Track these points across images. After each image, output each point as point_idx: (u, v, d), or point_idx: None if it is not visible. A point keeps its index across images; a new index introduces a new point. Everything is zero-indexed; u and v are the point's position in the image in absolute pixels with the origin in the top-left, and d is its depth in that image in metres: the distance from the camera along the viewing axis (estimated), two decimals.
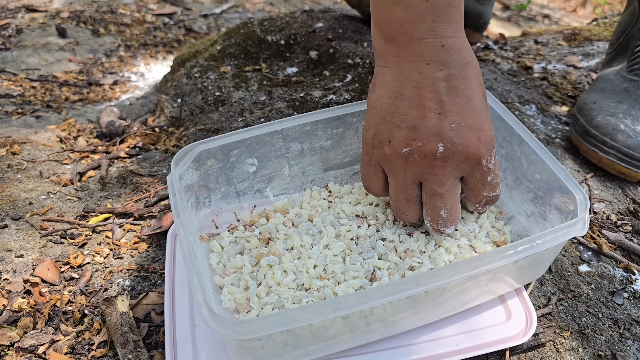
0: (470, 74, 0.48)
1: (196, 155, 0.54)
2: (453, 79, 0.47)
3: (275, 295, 0.51)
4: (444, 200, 0.50)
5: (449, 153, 0.48)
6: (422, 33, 0.47)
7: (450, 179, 0.49)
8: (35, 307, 0.57)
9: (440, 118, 0.47)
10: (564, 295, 0.60)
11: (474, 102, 0.48)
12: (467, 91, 0.48)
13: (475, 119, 0.48)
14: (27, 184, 0.77)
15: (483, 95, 0.49)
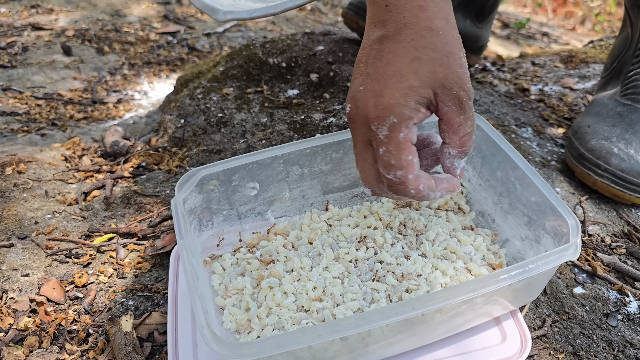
0: (405, 36, 0.45)
1: (199, 179, 0.56)
2: (385, 41, 0.46)
3: (275, 316, 0.52)
4: (357, 162, 0.49)
5: (353, 114, 0.47)
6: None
7: (358, 141, 0.48)
8: (41, 326, 0.59)
9: (359, 80, 0.47)
10: (559, 317, 0.61)
11: (390, 66, 0.45)
12: (389, 55, 0.45)
13: (381, 83, 0.45)
14: (32, 203, 0.79)
15: (411, 59, 0.45)
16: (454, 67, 0.45)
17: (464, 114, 0.47)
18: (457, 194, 0.66)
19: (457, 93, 0.46)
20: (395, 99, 0.44)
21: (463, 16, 1.03)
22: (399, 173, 0.46)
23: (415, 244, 0.60)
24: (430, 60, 0.45)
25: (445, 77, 0.45)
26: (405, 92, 0.45)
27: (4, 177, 0.85)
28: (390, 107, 0.45)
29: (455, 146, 0.49)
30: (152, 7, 1.91)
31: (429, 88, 0.45)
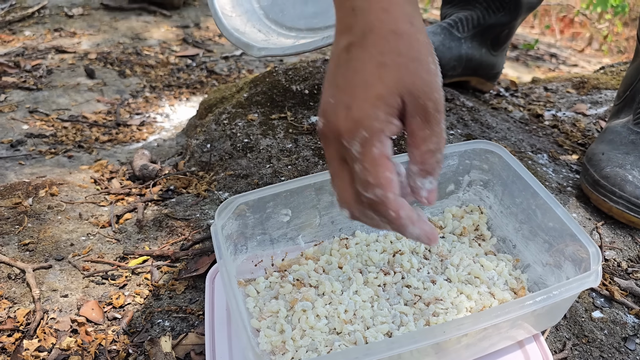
0: (370, 41, 0.42)
1: (236, 207, 0.59)
2: (352, 48, 0.43)
3: (309, 338, 0.55)
4: (332, 181, 0.46)
5: (326, 129, 0.44)
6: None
7: (333, 159, 0.45)
8: (82, 345, 0.61)
9: (329, 92, 0.44)
10: (579, 340, 0.63)
11: (358, 74, 0.42)
12: (356, 62, 0.43)
13: (350, 94, 0.42)
14: (67, 225, 0.82)
15: (377, 66, 0.42)
16: (420, 73, 0.42)
17: (429, 127, 0.44)
18: (480, 219, 0.69)
19: (424, 103, 0.42)
20: (364, 110, 0.42)
21: (479, 45, 1.07)
22: (378, 191, 0.43)
23: (440, 269, 0.62)
24: (395, 65, 0.42)
25: (413, 83, 0.42)
26: (373, 102, 0.42)
27: (38, 200, 0.88)
28: (359, 120, 0.42)
29: (415, 162, 0.45)
30: (171, 30, 1.96)
31: (397, 95, 0.42)
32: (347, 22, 0.44)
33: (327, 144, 0.45)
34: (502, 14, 1.04)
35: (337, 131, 0.43)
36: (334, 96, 0.43)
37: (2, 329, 0.63)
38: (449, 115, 0.96)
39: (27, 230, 0.80)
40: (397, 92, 0.42)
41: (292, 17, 0.91)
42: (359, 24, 0.43)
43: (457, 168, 0.69)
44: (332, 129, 0.43)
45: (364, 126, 0.42)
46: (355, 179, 0.44)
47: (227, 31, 0.86)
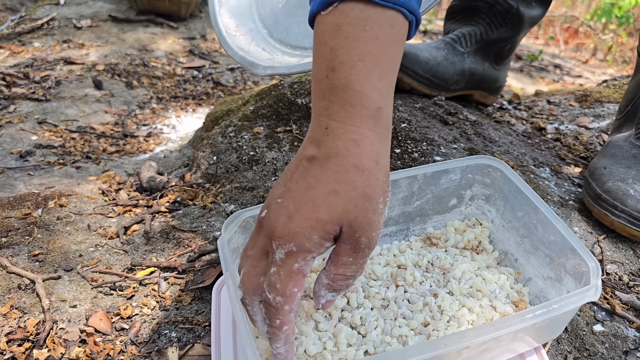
0: (332, 166, 0.45)
1: (242, 221, 0.60)
2: (314, 163, 0.45)
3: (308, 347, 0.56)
4: (243, 263, 0.49)
5: (264, 222, 0.47)
6: (319, 110, 0.46)
7: (256, 246, 0.47)
8: (91, 355, 0.63)
9: (279, 190, 0.47)
10: (580, 354, 0.64)
11: (309, 191, 0.45)
12: (312, 179, 0.45)
13: (296, 205, 0.45)
14: (76, 236, 0.84)
15: (329, 192, 0.44)
16: (367, 212, 0.45)
17: (354, 257, 0.47)
18: (482, 233, 0.70)
19: (359, 237, 0.45)
20: (302, 227, 0.44)
21: (482, 59, 1.08)
22: (278, 299, 0.45)
23: (442, 282, 0.63)
24: (346, 197, 0.44)
25: (355, 218, 0.45)
26: (312, 224, 0.44)
27: (47, 211, 0.90)
28: (293, 234, 0.44)
29: (328, 277, 0.48)
30: (178, 42, 1.99)
31: (337, 225, 0.45)
32: (317, 137, 0.46)
33: (259, 232, 0.47)
34: (505, 29, 1.05)
35: (272, 231, 0.45)
36: (282, 197, 0.46)
37: (13, 339, 0.64)
38: (452, 129, 0.97)
39: (36, 241, 0.82)
40: (338, 221, 0.44)
41: (297, 36, 0.92)
42: (326, 145, 0.45)
43: (459, 182, 0.70)
44: (269, 226, 0.45)
45: (295, 241, 0.44)
46: (265, 275, 0.46)
47: (232, 50, 0.87)
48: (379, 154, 0.46)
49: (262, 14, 0.98)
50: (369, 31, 0.44)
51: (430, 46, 1.05)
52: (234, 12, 0.98)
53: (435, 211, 0.71)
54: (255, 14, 0.97)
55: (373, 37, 0.45)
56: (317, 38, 0.47)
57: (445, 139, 0.91)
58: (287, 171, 0.48)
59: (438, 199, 0.70)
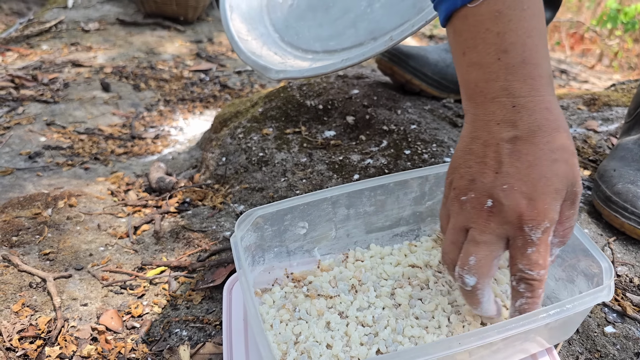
0: (540, 139, 0.48)
1: (255, 219, 0.60)
2: (519, 142, 0.48)
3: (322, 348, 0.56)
4: (477, 249, 0.51)
5: (496, 210, 0.49)
6: (495, 92, 0.48)
7: (491, 233, 0.50)
8: (102, 353, 0.63)
9: (495, 177, 0.49)
10: (591, 355, 0.64)
11: (534, 169, 0.48)
12: (529, 157, 0.48)
13: (529, 186, 0.48)
14: (86, 235, 0.84)
15: (551, 162, 0.48)
16: (576, 165, 0.49)
17: (574, 208, 0.51)
18: None
19: (576, 190, 0.50)
20: (548, 203, 0.48)
21: None
22: (542, 272, 0.50)
23: (453, 282, 0.63)
24: (564, 161, 0.48)
25: (574, 176, 0.49)
26: (553, 196, 0.48)
27: (57, 211, 0.90)
28: (544, 212, 0.48)
29: (558, 236, 0.51)
30: (185, 45, 2.00)
31: (566, 189, 0.49)
32: (506, 116, 0.48)
33: (490, 219, 0.50)
34: None
35: (520, 217, 0.48)
36: (507, 183, 0.48)
37: (25, 336, 0.64)
38: (461, 131, 0.97)
39: (47, 240, 0.82)
40: (566, 185, 0.49)
41: (308, 40, 0.93)
42: (524, 121, 0.48)
43: None
44: (511, 213, 0.48)
45: (547, 217, 0.48)
46: (518, 258, 0.50)
47: (244, 54, 0.88)
48: (562, 113, 0.50)
49: (272, 18, 0.98)
50: (528, 10, 0.48)
51: (439, 48, 1.05)
52: (245, 16, 0.98)
53: None
54: (266, 19, 0.98)
55: (532, 14, 0.48)
56: (474, 27, 0.49)
57: (454, 140, 0.91)
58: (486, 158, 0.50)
59: None
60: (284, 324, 0.59)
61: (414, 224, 0.70)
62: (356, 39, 0.86)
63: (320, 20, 0.93)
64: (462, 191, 0.52)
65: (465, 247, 0.52)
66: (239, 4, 0.98)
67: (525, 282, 0.51)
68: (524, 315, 0.51)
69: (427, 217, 0.71)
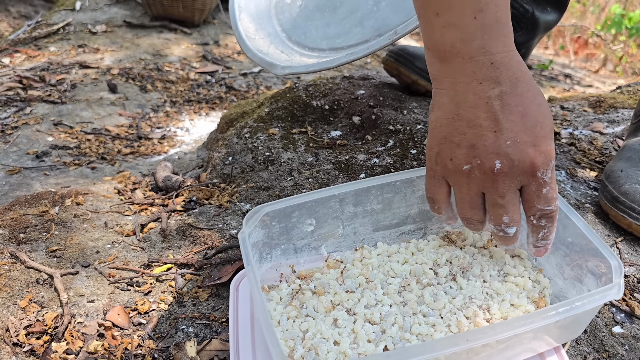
0: (522, 89, 0.51)
1: (262, 216, 0.60)
2: (505, 97, 0.50)
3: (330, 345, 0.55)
4: (505, 209, 0.54)
5: (507, 168, 0.51)
6: (472, 52, 0.50)
7: (509, 191, 0.53)
8: (109, 349, 0.63)
9: (496, 136, 0.51)
10: (599, 355, 0.63)
11: (527, 118, 0.51)
12: (519, 108, 0.50)
13: (530, 134, 0.51)
14: (93, 233, 0.84)
15: (538, 107, 0.51)
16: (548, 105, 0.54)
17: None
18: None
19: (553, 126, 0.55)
20: (548, 144, 0.52)
21: None
22: (556, 203, 0.54)
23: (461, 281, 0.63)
24: (544, 103, 0.53)
25: (551, 114, 0.53)
26: (550, 136, 0.52)
27: (64, 209, 0.91)
28: (549, 153, 0.52)
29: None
30: (191, 47, 2.01)
31: (551, 122, 0.53)
32: (487, 74, 0.50)
33: (505, 179, 0.52)
34: (520, 33, 1.06)
35: (532, 165, 0.51)
36: (509, 139, 0.51)
37: (32, 332, 0.65)
38: None
39: (54, 238, 0.82)
40: (552, 122, 0.53)
41: (315, 39, 0.93)
42: (504, 76, 0.50)
43: None
44: (522, 165, 0.51)
45: (552, 157, 0.52)
46: (535, 200, 0.53)
47: (251, 52, 0.88)
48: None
49: (281, 19, 0.99)
50: None
51: None
52: (254, 17, 0.99)
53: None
54: (274, 19, 0.99)
55: None
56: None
57: None
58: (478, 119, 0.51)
59: None
60: (291, 321, 0.59)
61: (420, 222, 0.70)
62: (362, 36, 0.86)
63: (328, 19, 0.94)
64: (464, 159, 0.53)
65: (493, 210, 0.55)
66: (247, 4, 0.98)
67: (546, 217, 0.55)
68: (533, 313, 0.50)
69: (434, 215, 0.70)
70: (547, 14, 1.05)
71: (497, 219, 0.55)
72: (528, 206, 0.54)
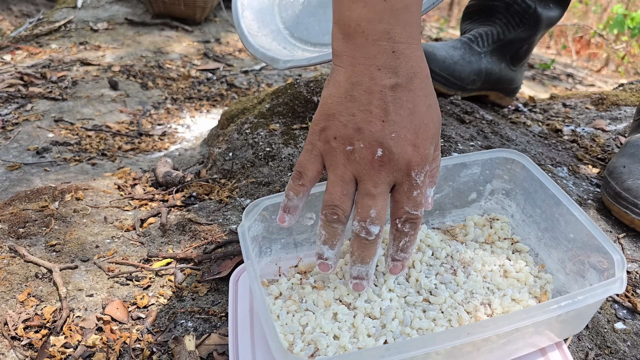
0: (416, 85, 0.51)
1: (263, 209, 0.60)
2: (399, 90, 0.50)
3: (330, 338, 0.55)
4: (374, 201, 0.52)
5: (386, 159, 0.50)
6: (377, 34, 0.49)
7: (383, 183, 0.52)
8: (107, 343, 0.62)
9: (383, 125, 0.50)
10: (601, 351, 0.63)
11: (414, 116, 0.51)
12: (409, 104, 0.50)
13: (412, 133, 0.51)
14: (92, 228, 0.84)
15: (427, 108, 0.51)
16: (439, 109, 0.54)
17: (437, 149, 0.56)
18: (502, 228, 0.69)
19: (439, 132, 0.54)
20: (427, 149, 0.51)
21: (498, 59, 1.08)
22: (422, 210, 0.54)
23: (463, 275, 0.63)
24: (434, 105, 0.52)
25: (440, 119, 0.53)
26: (431, 140, 0.52)
27: (64, 204, 0.90)
28: (426, 157, 0.52)
29: (429, 176, 0.56)
30: (193, 45, 2.00)
31: (438, 132, 0.53)
32: (386, 62, 0.50)
33: (382, 169, 0.51)
34: (522, 29, 1.05)
35: (407, 163, 0.51)
36: (394, 132, 0.50)
37: (30, 325, 0.64)
38: (468, 127, 0.96)
39: (53, 232, 0.82)
40: (438, 128, 0.53)
41: (317, 34, 0.93)
42: (402, 68, 0.50)
43: (478, 177, 0.70)
44: (400, 160, 0.51)
45: (427, 161, 0.52)
46: (405, 201, 0.53)
47: (253, 48, 0.88)
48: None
49: (284, 17, 0.99)
50: None
51: (447, 45, 1.05)
52: (257, 14, 0.99)
53: (455, 205, 0.70)
54: (277, 17, 0.99)
55: None
56: None
57: (462, 136, 0.91)
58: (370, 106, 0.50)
59: (457, 193, 0.70)
60: (291, 315, 0.58)
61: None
62: None
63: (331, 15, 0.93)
64: (347, 140, 0.51)
65: (362, 201, 0.53)
66: (250, 2, 0.98)
67: (411, 221, 0.54)
68: (535, 307, 0.50)
69: (434, 210, 0.70)
70: (550, 10, 1.05)
71: (364, 212, 0.53)
72: (396, 207, 0.54)
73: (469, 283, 0.61)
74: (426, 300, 0.60)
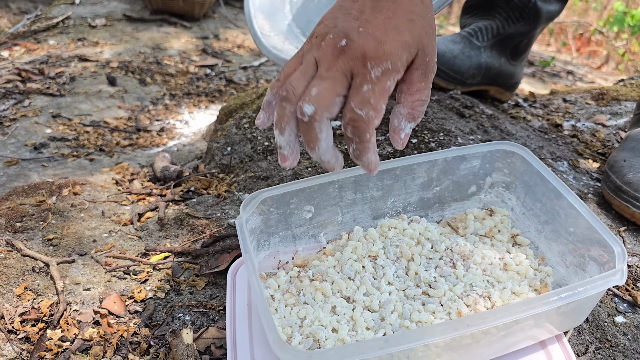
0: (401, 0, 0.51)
1: (260, 201, 0.59)
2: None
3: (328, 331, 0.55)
4: (320, 82, 0.51)
5: (347, 48, 0.50)
6: None
7: (338, 70, 0.51)
8: (105, 337, 0.62)
9: (355, 22, 0.51)
10: (602, 344, 0.62)
11: (390, 21, 0.50)
12: (389, 11, 0.50)
13: (382, 32, 0.50)
14: (90, 222, 0.83)
15: (407, 21, 0.51)
16: (433, 39, 0.52)
17: (426, 82, 0.53)
18: (502, 221, 0.68)
19: (429, 61, 0.52)
20: (394, 48, 0.49)
21: (498, 54, 1.07)
22: (371, 113, 0.50)
23: (462, 268, 0.62)
24: (420, 25, 0.51)
25: (428, 43, 0.52)
26: (401, 45, 0.50)
27: (62, 198, 0.90)
28: (389, 54, 0.49)
29: (407, 106, 0.53)
30: (191, 41, 2.00)
31: (416, 48, 0.51)
32: None
33: (339, 56, 0.51)
34: (522, 23, 1.05)
35: (364, 54, 0.49)
36: (363, 27, 0.50)
37: (27, 319, 0.64)
38: (468, 121, 0.96)
39: (51, 227, 0.81)
40: (417, 45, 0.51)
41: None
42: None
43: (478, 170, 0.69)
44: (359, 50, 0.49)
45: (391, 59, 0.49)
46: (352, 95, 0.50)
47: (266, 49, 0.88)
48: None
49: (295, 16, 0.99)
50: None
51: (446, 39, 1.04)
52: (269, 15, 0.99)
53: (454, 198, 0.70)
54: (289, 16, 0.99)
55: None
56: None
57: (462, 130, 0.90)
58: (349, 9, 0.51)
59: (457, 186, 0.69)
60: (289, 308, 0.58)
61: (421, 210, 0.69)
62: None
63: None
64: (322, 36, 0.52)
65: (312, 82, 0.52)
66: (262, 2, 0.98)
67: (353, 124, 0.50)
68: (535, 298, 0.49)
69: (434, 203, 0.70)
70: (550, 4, 1.04)
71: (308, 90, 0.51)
72: (346, 104, 0.51)
73: (468, 276, 0.61)
74: (425, 294, 0.59)
